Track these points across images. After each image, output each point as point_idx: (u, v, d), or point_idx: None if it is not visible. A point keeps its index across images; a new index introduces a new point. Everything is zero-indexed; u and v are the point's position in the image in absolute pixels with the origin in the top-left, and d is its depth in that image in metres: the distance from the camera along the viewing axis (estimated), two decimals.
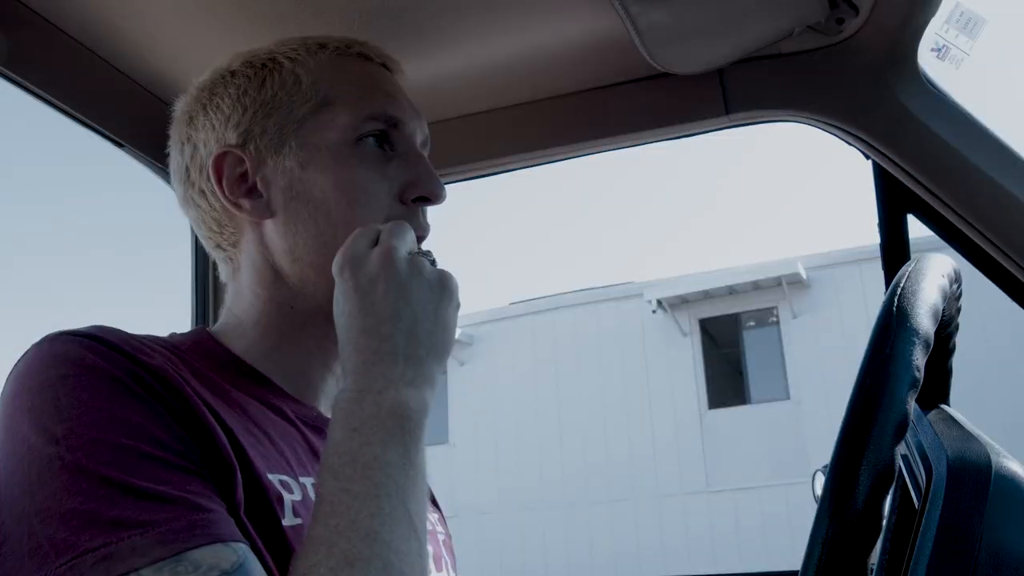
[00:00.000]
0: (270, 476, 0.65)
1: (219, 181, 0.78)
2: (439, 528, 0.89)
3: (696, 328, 12.72)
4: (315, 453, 0.73)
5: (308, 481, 0.69)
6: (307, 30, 1.08)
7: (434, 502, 0.96)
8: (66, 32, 1.08)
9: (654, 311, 12.74)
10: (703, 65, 1.18)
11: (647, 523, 12.20)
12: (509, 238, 32.74)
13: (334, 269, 0.70)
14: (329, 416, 0.79)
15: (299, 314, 0.79)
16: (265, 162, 0.78)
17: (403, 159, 0.81)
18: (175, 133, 0.83)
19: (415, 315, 0.67)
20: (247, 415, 0.69)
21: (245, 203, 0.78)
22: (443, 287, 0.70)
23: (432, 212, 0.86)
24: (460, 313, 0.73)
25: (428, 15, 1.07)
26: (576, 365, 12.96)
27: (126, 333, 0.66)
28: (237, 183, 0.78)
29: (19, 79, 1.06)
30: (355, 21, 1.07)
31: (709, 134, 1.27)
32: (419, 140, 0.85)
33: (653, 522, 12.18)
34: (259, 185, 0.78)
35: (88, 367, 0.60)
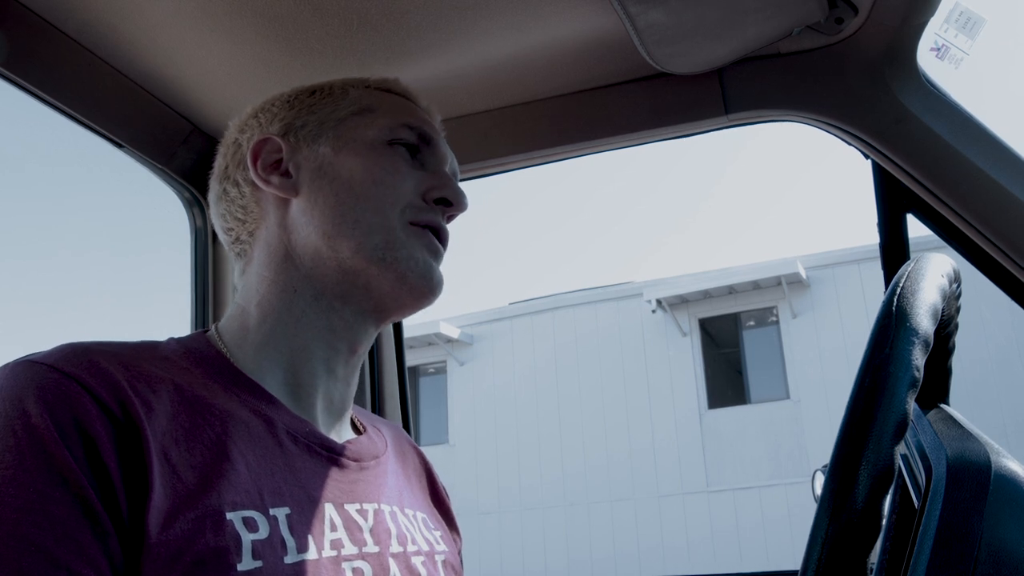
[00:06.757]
0: (232, 514, 0.62)
1: (254, 161, 0.82)
2: (439, 547, 0.84)
3: (696, 328, 12.72)
4: (296, 477, 0.70)
5: (280, 512, 0.66)
6: (306, 29, 1.09)
7: (450, 521, 0.93)
8: (65, 32, 1.08)
9: (654, 311, 12.74)
10: (703, 65, 1.18)
11: (647, 523, 12.20)
12: (508, 238, 32.75)
13: None
14: (324, 432, 0.77)
15: (301, 298, 0.79)
16: (300, 150, 0.83)
17: (431, 173, 0.85)
18: (226, 139, 0.89)
19: None
20: (228, 433, 0.67)
21: (274, 179, 0.82)
22: None
23: None
24: (460, 313, 0.72)
25: (428, 15, 1.07)
26: (576, 365, 12.96)
27: (100, 353, 0.65)
28: (271, 166, 0.83)
29: (19, 79, 1.06)
30: (354, 22, 1.07)
31: (709, 133, 1.27)
32: (447, 167, 0.88)
33: (653, 522, 12.18)
34: (290, 169, 0.82)
35: (28, 428, 0.57)
